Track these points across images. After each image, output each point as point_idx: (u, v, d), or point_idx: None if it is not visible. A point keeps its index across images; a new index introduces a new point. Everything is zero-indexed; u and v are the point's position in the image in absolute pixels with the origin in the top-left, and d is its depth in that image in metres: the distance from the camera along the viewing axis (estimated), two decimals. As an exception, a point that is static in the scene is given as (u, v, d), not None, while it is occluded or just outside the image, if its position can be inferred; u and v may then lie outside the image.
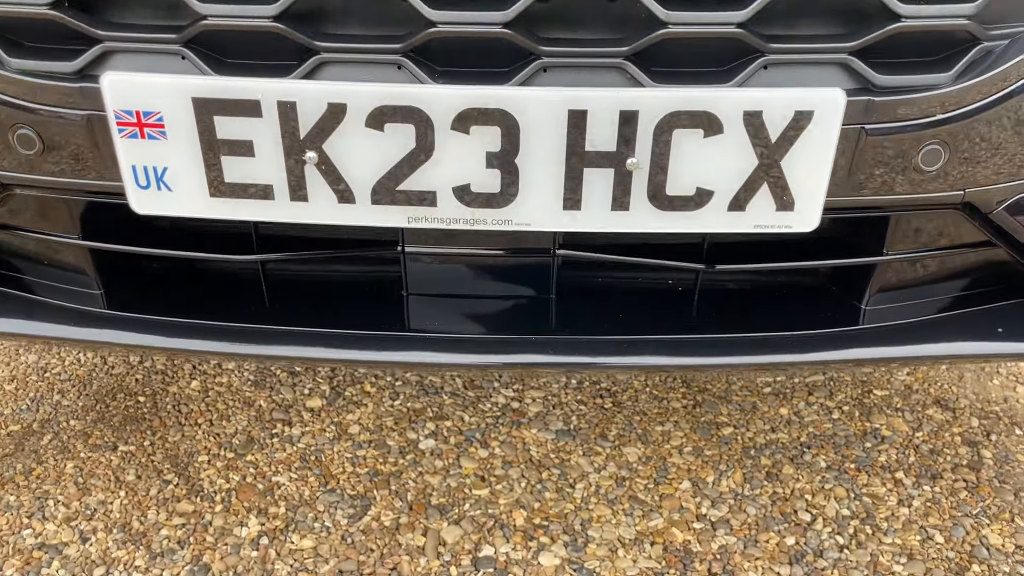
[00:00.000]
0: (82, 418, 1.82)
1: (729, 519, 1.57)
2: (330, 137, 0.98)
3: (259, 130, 0.98)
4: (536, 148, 0.97)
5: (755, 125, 0.95)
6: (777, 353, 1.16)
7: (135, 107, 0.98)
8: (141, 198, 1.04)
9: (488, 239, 1.18)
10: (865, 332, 1.18)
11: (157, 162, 1.01)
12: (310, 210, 1.03)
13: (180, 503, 1.59)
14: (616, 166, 0.98)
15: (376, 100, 0.95)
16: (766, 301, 1.23)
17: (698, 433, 1.77)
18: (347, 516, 1.57)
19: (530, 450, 1.72)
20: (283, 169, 1.00)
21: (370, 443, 1.74)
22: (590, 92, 0.95)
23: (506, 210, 1.02)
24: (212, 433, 1.77)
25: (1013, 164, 1.02)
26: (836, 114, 0.95)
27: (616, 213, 1.01)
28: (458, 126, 0.96)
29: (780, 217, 1.01)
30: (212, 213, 1.04)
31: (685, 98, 0.94)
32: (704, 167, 0.98)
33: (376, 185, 1.01)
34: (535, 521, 1.56)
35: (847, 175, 1.00)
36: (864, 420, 1.83)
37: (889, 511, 1.60)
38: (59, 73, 0.98)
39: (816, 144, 0.96)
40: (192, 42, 0.96)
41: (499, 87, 0.95)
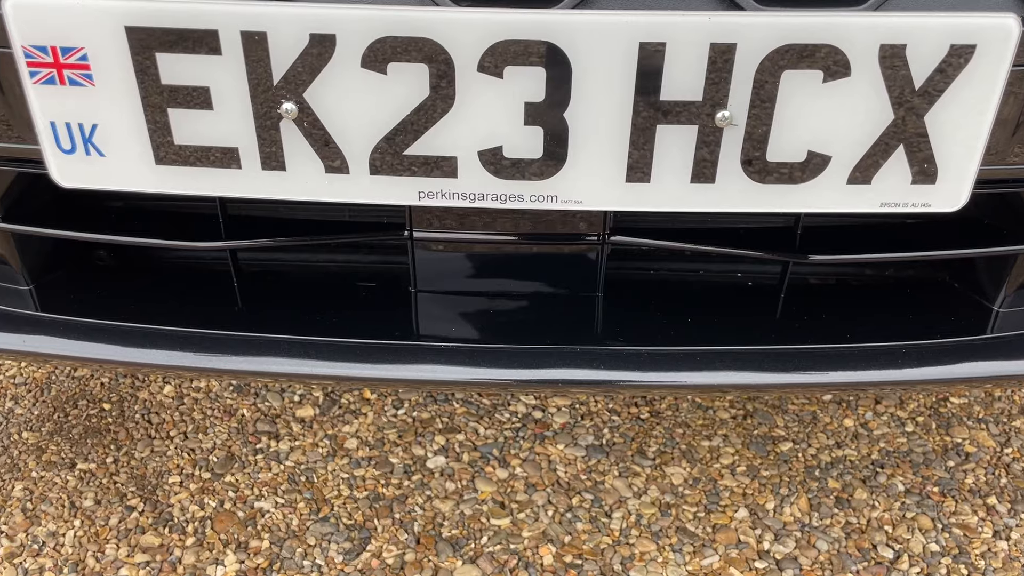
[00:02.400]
0: (37, 430, 1.57)
1: (797, 557, 1.32)
2: (314, 82, 0.72)
3: (218, 72, 0.72)
4: (593, 97, 0.72)
5: (895, 65, 0.70)
6: (886, 368, 0.91)
7: (51, 41, 0.72)
8: (65, 166, 0.78)
9: (519, 221, 0.92)
10: (998, 342, 0.93)
11: (84, 117, 0.76)
12: (288, 182, 0.78)
13: (145, 535, 1.34)
14: (701, 122, 0.73)
15: (377, 29, 0.70)
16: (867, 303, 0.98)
17: (752, 449, 1.52)
18: (342, 551, 1.32)
19: (557, 470, 1.47)
20: (252, 126, 0.75)
21: (370, 461, 1.49)
22: (670, 18, 0.69)
23: (550, 182, 0.76)
24: (186, 448, 1.51)
25: None
26: (1006, 50, 0.69)
27: (697, 186, 0.76)
28: (488, 66, 0.71)
29: (917, 192, 0.76)
30: (158, 186, 0.79)
31: (801, 26, 0.69)
32: (820, 123, 0.73)
33: (376, 148, 0.75)
34: (566, 559, 1.31)
35: (1011, 135, 0.74)
36: (943, 434, 1.57)
37: (984, 545, 1.35)
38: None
39: (975, 92, 0.71)
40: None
41: (545, 11, 0.69)
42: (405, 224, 0.93)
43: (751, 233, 0.96)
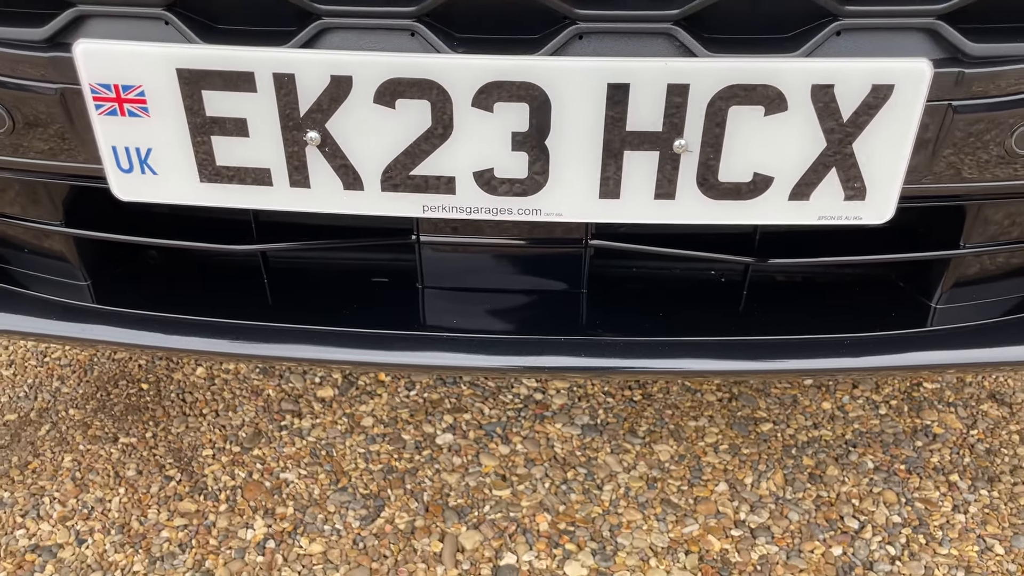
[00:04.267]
0: (82, 407, 1.72)
1: (770, 526, 1.45)
2: (334, 115, 0.85)
3: (254, 107, 0.86)
4: (569, 128, 0.85)
5: (825, 101, 0.82)
6: (836, 357, 1.04)
7: (113, 80, 0.86)
8: (123, 183, 0.92)
9: (512, 228, 1.05)
10: (937, 334, 1.05)
11: (140, 143, 0.89)
12: (312, 197, 0.91)
13: (182, 502, 1.50)
14: (662, 149, 0.85)
15: (386, 72, 0.83)
16: (822, 298, 1.11)
17: (735, 429, 1.65)
18: (359, 518, 1.46)
19: (554, 447, 1.61)
20: (281, 151, 0.88)
21: (384, 437, 1.64)
22: (634, 63, 0.82)
23: (534, 198, 0.89)
24: (217, 425, 1.67)
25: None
26: (920, 89, 0.82)
27: (660, 202, 0.89)
28: (481, 102, 0.84)
29: (849, 207, 0.89)
30: (203, 200, 0.92)
31: (744, 70, 0.81)
32: (763, 150, 0.85)
33: (387, 169, 0.88)
34: (560, 526, 1.45)
35: (929, 159, 0.87)
36: (914, 416, 1.70)
37: (944, 518, 1.48)
38: (27, 41, 0.86)
39: (895, 124, 0.83)
40: (177, 5, 0.84)
41: (528, 57, 0.82)
42: (413, 229, 1.07)
43: (719, 236, 1.09)
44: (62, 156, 0.93)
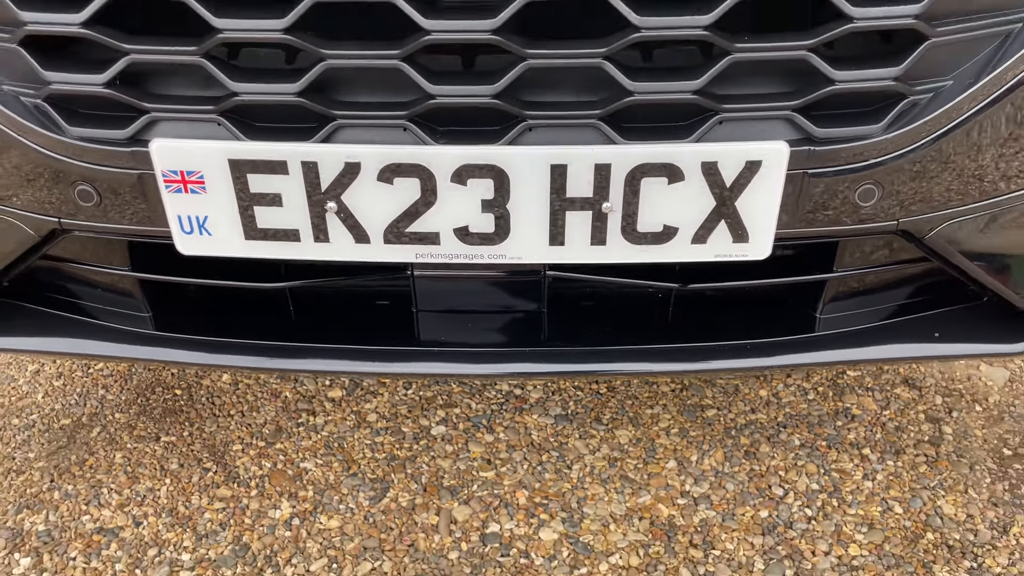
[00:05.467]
0: (126, 411, 2.00)
1: (710, 495, 1.75)
2: (347, 189, 1.14)
3: (286, 185, 1.14)
4: (524, 196, 1.13)
5: (712, 174, 1.11)
6: (744, 358, 1.33)
7: (180, 167, 1.14)
8: (186, 241, 1.20)
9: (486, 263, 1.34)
10: (820, 338, 1.35)
11: (199, 212, 1.18)
12: (331, 249, 1.19)
13: (219, 488, 1.78)
14: (593, 209, 1.14)
15: (386, 159, 1.11)
16: (735, 312, 1.39)
17: (684, 415, 1.95)
18: (368, 498, 1.75)
19: (531, 434, 1.90)
20: (307, 216, 1.17)
21: (387, 430, 1.93)
22: (570, 149, 1.10)
23: (500, 247, 1.18)
24: (244, 423, 1.95)
25: (940, 198, 1.17)
26: (781, 162, 1.10)
27: (595, 247, 1.17)
28: (457, 179, 1.12)
29: (737, 248, 1.17)
30: (247, 253, 1.21)
31: (651, 152, 1.10)
32: (669, 209, 1.14)
33: (388, 228, 1.17)
34: (536, 500, 1.74)
35: (794, 211, 1.15)
36: (837, 400, 1.99)
37: (854, 485, 1.77)
38: (112, 139, 1.14)
39: (765, 188, 1.12)
40: (226, 112, 1.12)
41: (491, 146, 1.11)
42: (408, 265, 1.35)
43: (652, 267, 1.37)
44: (138, 222, 1.21)
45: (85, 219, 1.22)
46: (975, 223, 1.21)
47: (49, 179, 1.18)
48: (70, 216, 1.22)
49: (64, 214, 1.22)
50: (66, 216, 1.22)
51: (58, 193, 1.20)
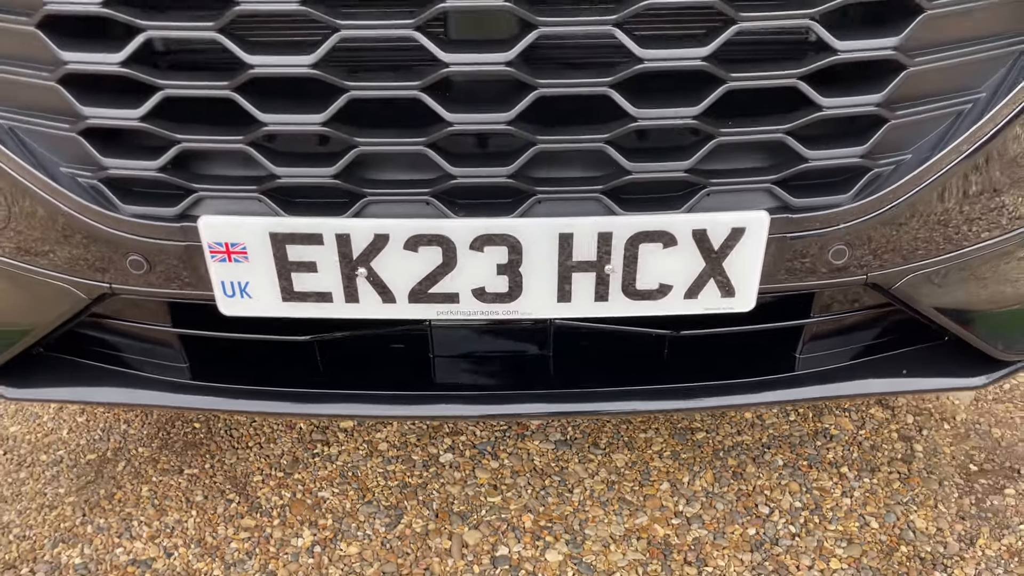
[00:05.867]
0: (148, 445, 2.12)
1: (701, 515, 1.89)
2: (376, 257, 1.27)
3: (321, 254, 1.27)
4: (535, 260, 1.27)
5: (702, 239, 1.25)
6: (732, 395, 1.47)
7: (225, 240, 1.26)
8: (228, 304, 1.33)
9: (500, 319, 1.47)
10: (799, 377, 1.49)
11: (241, 278, 1.30)
12: (360, 309, 1.32)
13: (243, 519, 1.90)
14: (597, 271, 1.28)
15: (411, 231, 1.24)
16: (722, 355, 1.54)
17: (675, 438, 2.09)
18: (384, 524, 1.88)
19: (534, 460, 2.04)
20: (340, 281, 1.29)
21: (398, 458, 2.05)
22: (575, 220, 1.24)
23: (513, 304, 1.31)
24: (262, 455, 2.07)
25: (903, 256, 1.32)
26: (763, 229, 1.24)
27: (598, 303, 1.31)
28: (475, 247, 1.25)
29: (725, 302, 1.31)
30: (284, 314, 1.33)
31: (647, 222, 1.24)
32: (664, 269, 1.28)
33: (412, 290, 1.30)
34: (541, 523, 1.87)
35: (774, 269, 1.30)
36: (816, 421, 2.14)
37: (834, 502, 1.92)
38: (163, 216, 1.27)
39: (749, 250, 1.26)
40: (267, 191, 1.25)
41: (505, 218, 1.24)
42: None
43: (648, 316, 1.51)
44: (183, 287, 1.33)
45: (134, 284, 1.34)
46: (933, 275, 1.36)
47: (103, 250, 1.31)
48: (120, 282, 1.34)
49: (115, 280, 1.34)
50: (117, 282, 1.34)
51: (111, 262, 1.32)
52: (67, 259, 1.33)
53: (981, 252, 1.36)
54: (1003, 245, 1.37)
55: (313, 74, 1.13)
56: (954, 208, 1.30)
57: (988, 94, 1.24)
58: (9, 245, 1.35)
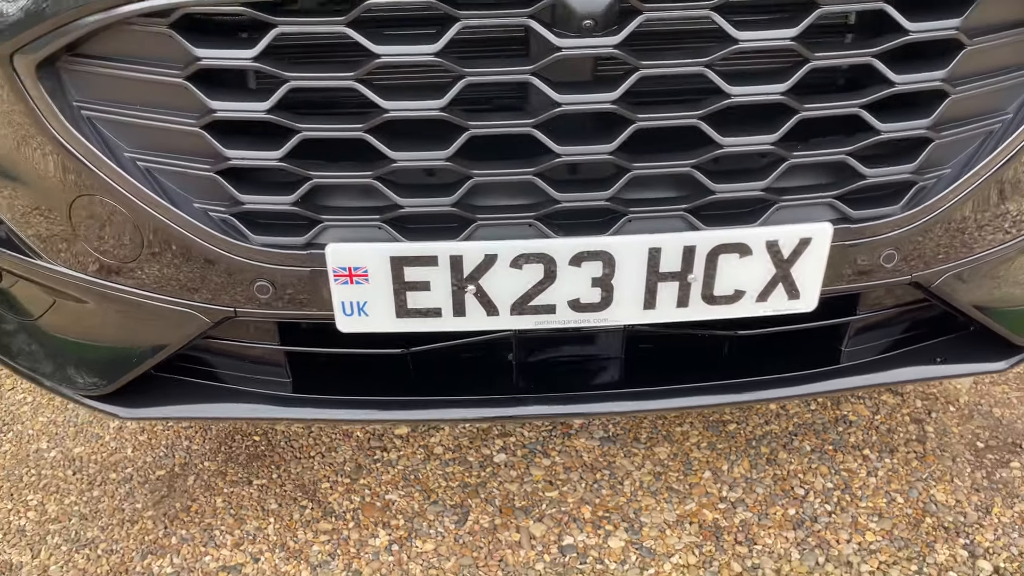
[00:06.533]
0: (213, 459, 2.22)
1: (744, 499, 2.06)
2: (484, 275, 1.41)
3: (435, 274, 1.40)
4: (626, 273, 1.42)
5: (773, 250, 1.41)
6: (788, 387, 1.64)
7: (348, 264, 1.39)
8: (347, 322, 1.46)
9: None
10: (846, 368, 1.67)
11: (360, 298, 1.43)
12: (467, 322, 1.46)
13: (320, 523, 2.02)
14: (680, 280, 1.43)
15: (518, 250, 1.39)
16: (777, 351, 1.70)
17: (710, 431, 2.26)
18: (453, 522, 2.02)
19: (582, 456, 2.19)
20: (450, 297, 1.43)
21: (454, 460, 2.19)
22: (662, 235, 1.39)
23: (603, 313, 1.46)
24: (325, 463, 2.19)
25: (942, 257, 1.50)
26: (826, 238, 1.41)
27: (679, 309, 1.47)
28: (573, 263, 1.40)
29: (791, 304, 1.48)
30: (397, 329, 1.47)
31: (726, 235, 1.40)
32: (739, 277, 1.44)
33: (514, 303, 1.44)
34: (599, 513, 2.03)
35: (834, 273, 1.47)
36: (835, 409, 2.33)
37: (861, 481, 2.11)
38: (291, 245, 1.39)
39: (814, 258, 1.43)
40: (389, 220, 1.38)
41: (601, 236, 1.39)
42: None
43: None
44: (304, 307, 1.46)
45: (258, 307, 1.46)
46: (965, 273, 1.55)
47: (231, 277, 1.43)
48: (245, 306, 1.46)
49: (240, 304, 1.46)
50: (241, 305, 1.47)
51: (238, 288, 1.44)
52: (197, 287, 1.45)
53: (1007, 251, 1.55)
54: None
55: (442, 116, 1.28)
56: (985, 213, 1.48)
57: (1013, 114, 1.43)
58: (139, 275, 1.46)
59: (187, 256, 1.42)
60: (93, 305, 1.54)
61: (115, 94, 1.33)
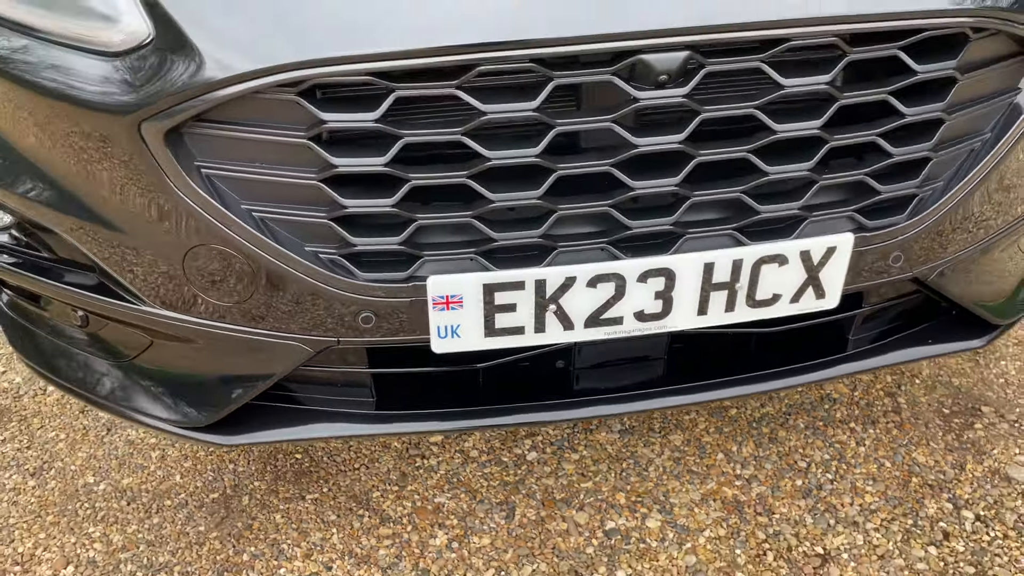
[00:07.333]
0: (261, 479, 2.35)
1: (756, 475, 2.31)
2: (564, 295, 1.61)
3: (520, 296, 1.60)
4: (684, 285, 1.64)
5: (805, 258, 1.66)
6: (813, 373, 1.90)
7: (445, 293, 1.57)
8: (440, 344, 1.63)
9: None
10: (855, 354, 1.93)
11: (454, 322, 1.61)
12: (546, 337, 1.66)
13: (380, 529, 2.18)
14: (728, 289, 1.66)
15: (594, 272, 1.59)
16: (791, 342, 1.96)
17: (715, 417, 2.51)
18: (503, 518, 2.20)
19: (606, 448, 2.41)
20: (533, 316, 1.62)
21: (490, 461, 2.37)
22: (715, 252, 1.62)
23: (663, 320, 1.68)
24: (371, 474, 2.35)
25: (935, 255, 1.78)
26: (848, 246, 1.67)
27: (727, 312, 1.70)
28: (640, 279, 1.61)
29: (818, 303, 1.73)
30: (483, 347, 1.65)
31: (768, 249, 1.63)
32: (777, 282, 1.68)
33: (588, 317, 1.64)
34: (632, 498, 2.25)
35: (853, 275, 1.72)
36: (818, 389, 2.61)
37: (852, 451, 2.39)
38: (396, 279, 1.56)
39: (838, 263, 1.68)
40: (482, 253, 1.56)
41: (663, 256, 1.61)
42: (569, 337, 1.83)
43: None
44: (401, 333, 1.63)
45: (359, 336, 1.63)
46: (954, 267, 1.83)
47: (338, 311, 1.58)
48: (348, 335, 1.62)
49: (343, 334, 1.62)
50: (344, 336, 1.62)
51: (343, 320, 1.60)
52: (304, 320, 1.60)
53: (985, 245, 1.83)
54: (999, 239, 1.85)
55: (537, 162, 1.47)
56: (970, 216, 1.76)
57: (991, 134, 1.71)
58: (248, 314, 1.60)
59: (297, 294, 1.57)
60: (199, 343, 1.67)
61: (235, 153, 1.47)
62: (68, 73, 1.46)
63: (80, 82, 1.45)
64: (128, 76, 1.42)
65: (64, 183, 1.57)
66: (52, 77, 1.48)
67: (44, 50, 1.48)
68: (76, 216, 1.60)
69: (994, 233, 1.83)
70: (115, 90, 1.42)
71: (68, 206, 1.60)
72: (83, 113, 1.46)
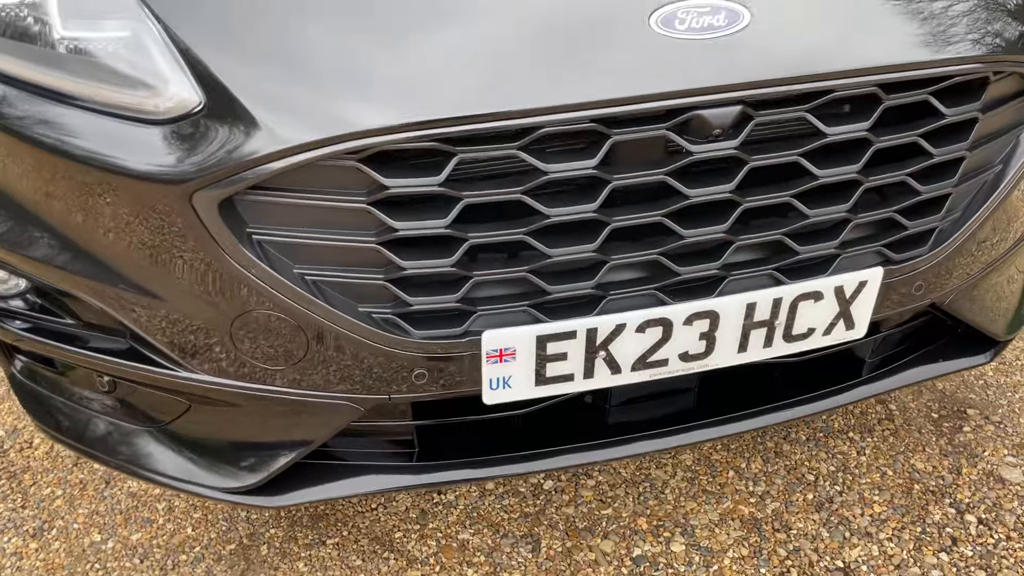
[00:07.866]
0: (277, 526, 2.31)
1: (768, 491, 2.38)
2: (613, 342, 1.63)
3: (571, 345, 1.61)
4: (726, 325, 1.68)
5: (839, 293, 1.71)
6: (838, 396, 1.96)
7: (500, 346, 1.57)
8: (491, 395, 1.64)
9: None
10: (867, 378, 2.00)
11: (506, 374, 1.62)
12: (594, 382, 1.68)
13: (408, 571, 2.17)
14: (767, 326, 1.71)
15: (642, 318, 1.61)
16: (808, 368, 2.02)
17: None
18: (529, 551, 2.22)
19: (621, 473, 2.44)
20: (582, 364, 1.64)
21: (507, 493, 2.38)
22: (756, 293, 1.66)
23: (706, 360, 1.72)
24: (389, 513, 2.33)
25: (952, 281, 1.85)
26: (878, 280, 1.73)
27: (765, 348, 1.74)
28: (687, 323, 1.65)
29: (848, 334, 1.79)
30: (533, 395, 1.66)
31: (805, 287, 1.68)
32: (811, 317, 1.73)
33: (635, 361, 1.67)
34: (654, 523, 2.29)
35: (881, 305, 1.79)
36: (815, 400, 2.69)
37: (855, 461, 2.48)
38: (450, 335, 1.55)
39: (868, 296, 1.74)
40: (534, 305, 1.57)
41: (707, 299, 1.64)
42: (604, 377, 1.85)
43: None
44: (454, 387, 1.62)
45: (410, 392, 1.61)
46: (965, 292, 1.92)
47: (392, 368, 1.57)
48: (400, 392, 1.61)
49: (396, 391, 1.61)
50: (395, 392, 1.61)
51: (396, 377, 1.58)
52: (355, 380, 1.58)
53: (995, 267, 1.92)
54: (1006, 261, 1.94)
55: (593, 217, 1.48)
56: (983, 244, 1.85)
57: (1002, 166, 1.79)
58: (297, 377, 1.57)
59: (351, 354, 1.55)
60: (244, 407, 1.63)
61: (288, 219, 1.44)
62: (110, 142, 1.41)
63: (124, 152, 1.41)
64: (179, 145, 1.38)
65: (102, 252, 1.52)
66: (89, 147, 1.42)
67: (81, 118, 1.43)
68: (111, 284, 1.54)
69: (1002, 255, 1.91)
70: (166, 160, 1.38)
71: (102, 273, 1.54)
72: (129, 183, 1.41)
